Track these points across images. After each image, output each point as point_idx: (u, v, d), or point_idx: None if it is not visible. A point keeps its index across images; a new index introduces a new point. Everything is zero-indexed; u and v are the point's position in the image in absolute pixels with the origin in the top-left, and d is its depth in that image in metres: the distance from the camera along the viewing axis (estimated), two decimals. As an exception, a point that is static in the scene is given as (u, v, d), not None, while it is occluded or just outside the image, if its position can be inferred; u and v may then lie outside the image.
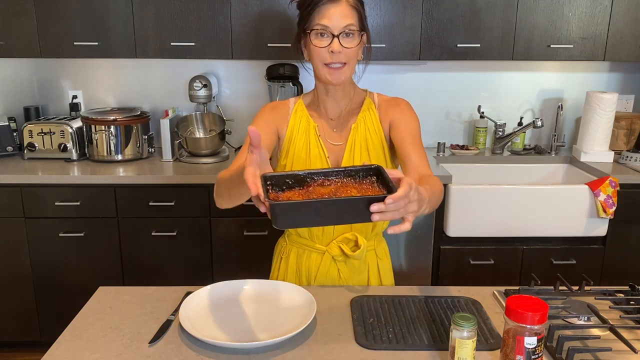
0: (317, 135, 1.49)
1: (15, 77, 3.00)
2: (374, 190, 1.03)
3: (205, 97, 2.80)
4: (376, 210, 0.94)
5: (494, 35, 2.67)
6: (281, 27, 2.62)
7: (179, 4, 2.59)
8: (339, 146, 1.50)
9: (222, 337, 1.18)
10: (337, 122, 1.51)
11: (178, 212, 2.56)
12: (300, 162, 1.48)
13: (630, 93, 3.10)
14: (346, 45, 1.37)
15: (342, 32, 1.36)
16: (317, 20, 1.37)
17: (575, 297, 1.39)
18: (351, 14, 1.37)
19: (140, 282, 2.60)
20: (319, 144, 1.48)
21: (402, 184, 0.97)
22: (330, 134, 1.51)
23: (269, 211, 0.97)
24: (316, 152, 1.48)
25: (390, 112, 1.49)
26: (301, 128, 1.50)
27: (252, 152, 1.02)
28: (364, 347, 1.18)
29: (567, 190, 2.51)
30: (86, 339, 1.20)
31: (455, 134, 3.13)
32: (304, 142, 1.49)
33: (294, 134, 1.49)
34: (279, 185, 1.04)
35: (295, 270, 1.56)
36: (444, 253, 2.60)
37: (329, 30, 1.36)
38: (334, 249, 1.51)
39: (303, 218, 0.98)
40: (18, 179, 2.50)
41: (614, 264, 2.63)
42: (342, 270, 1.53)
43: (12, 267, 2.60)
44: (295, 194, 1.03)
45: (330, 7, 1.36)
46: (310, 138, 1.49)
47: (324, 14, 1.36)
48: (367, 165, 1.07)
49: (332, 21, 1.35)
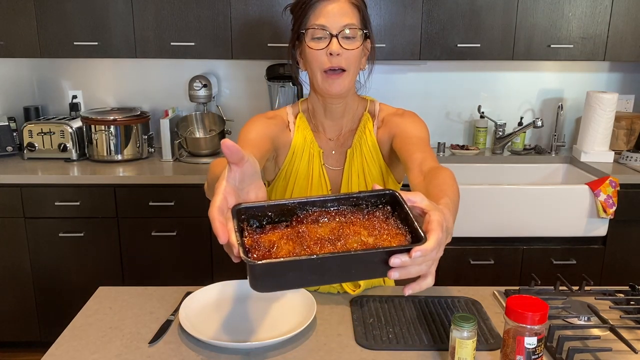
0: (321, 163, 1.34)
1: (15, 77, 3.00)
2: (390, 230, 0.76)
3: (205, 97, 2.80)
4: (398, 265, 0.71)
5: (494, 35, 2.67)
6: (281, 27, 2.62)
7: (179, 4, 2.59)
8: (336, 171, 1.38)
9: (222, 337, 1.18)
10: (336, 144, 1.36)
11: (178, 212, 2.56)
12: (301, 191, 1.35)
13: (630, 93, 3.10)
14: (346, 46, 1.22)
15: (342, 31, 1.21)
16: (313, 20, 1.22)
17: (576, 297, 1.38)
18: (351, 11, 1.22)
19: (140, 282, 2.59)
20: (322, 173, 1.35)
21: (432, 226, 0.74)
22: (328, 157, 1.37)
23: (247, 270, 0.72)
24: (318, 182, 1.34)
25: (394, 125, 1.33)
26: (305, 151, 1.35)
27: (230, 171, 0.77)
28: (364, 347, 1.17)
29: (567, 190, 2.50)
30: (86, 339, 1.20)
31: (455, 134, 3.13)
32: (306, 167, 1.35)
33: (296, 154, 1.35)
34: (257, 219, 0.79)
35: None
36: (444, 253, 2.60)
37: (326, 29, 1.21)
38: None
39: (294, 279, 0.73)
40: (18, 179, 2.50)
41: (614, 264, 2.63)
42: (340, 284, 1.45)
43: (12, 267, 2.60)
44: (281, 238, 0.76)
45: (328, 3, 1.20)
46: (314, 164, 1.35)
47: (320, 12, 1.21)
48: (379, 190, 0.80)
49: (330, 19, 1.20)
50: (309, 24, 1.23)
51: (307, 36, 1.25)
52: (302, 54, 1.30)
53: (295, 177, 1.36)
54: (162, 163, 2.74)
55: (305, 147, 1.36)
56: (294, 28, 1.30)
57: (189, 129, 2.87)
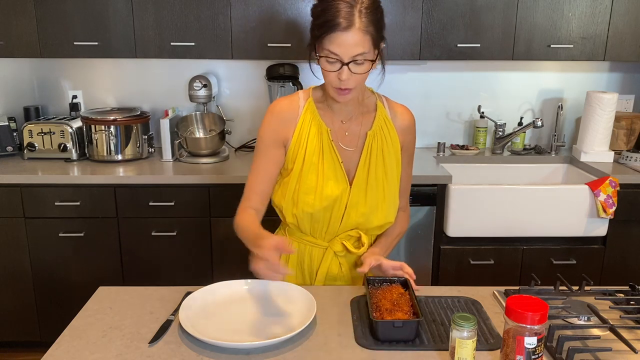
0: (330, 140, 1.45)
1: (15, 77, 3.00)
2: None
3: (205, 97, 2.80)
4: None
5: (494, 35, 2.67)
6: (281, 27, 2.62)
7: (179, 4, 2.59)
8: (351, 152, 1.48)
9: (222, 337, 1.18)
10: (349, 125, 1.48)
11: (178, 212, 2.56)
12: (312, 167, 1.45)
13: (630, 93, 3.10)
14: (355, 71, 1.33)
15: (352, 60, 1.31)
16: (327, 45, 1.31)
17: (575, 297, 1.39)
18: (362, 40, 1.30)
19: (140, 282, 2.59)
20: (332, 148, 1.45)
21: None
22: (342, 137, 1.48)
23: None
24: (329, 158, 1.45)
25: (407, 135, 1.54)
26: (312, 131, 1.45)
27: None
28: (364, 347, 1.18)
29: (567, 190, 2.51)
30: (86, 339, 1.20)
31: (455, 134, 3.13)
32: (316, 146, 1.45)
33: (303, 136, 1.45)
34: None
35: (297, 263, 1.56)
36: (444, 253, 2.60)
37: (338, 58, 1.31)
38: (336, 245, 1.51)
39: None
40: (18, 179, 2.50)
41: (614, 264, 2.63)
42: (343, 264, 1.54)
43: (12, 267, 2.60)
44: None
45: (341, 34, 1.29)
46: (323, 142, 1.45)
47: (334, 40, 1.29)
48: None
49: (342, 49, 1.29)
50: (324, 47, 1.32)
51: (321, 54, 1.34)
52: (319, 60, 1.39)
53: (304, 157, 1.44)
54: (162, 163, 2.74)
55: (313, 128, 1.45)
56: (312, 34, 1.38)
57: (189, 129, 2.87)
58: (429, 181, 2.54)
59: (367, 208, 1.47)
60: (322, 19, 1.30)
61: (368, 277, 1.40)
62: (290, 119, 1.46)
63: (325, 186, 1.43)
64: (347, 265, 1.55)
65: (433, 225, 2.58)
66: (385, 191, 1.49)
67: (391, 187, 1.50)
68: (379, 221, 1.50)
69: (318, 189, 1.43)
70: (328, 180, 1.44)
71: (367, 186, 1.47)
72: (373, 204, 1.47)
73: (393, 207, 1.52)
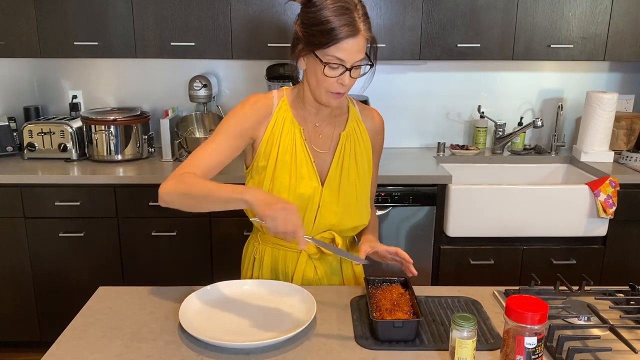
0: (302, 139, 1.45)
1: (15, 77, 3.00)
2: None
3: (205, 97, 2.80)
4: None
5: (494, 35, 2.67)
6: (281, 27, 2.62)
7: (179, 4, 2.59)
8: (324, 153, 1.48)
9: (222, 337, 1.18)
10: (322, 128, 1.49)
11: (178, 212, 2.53)
12: (285, 166, 1.43)
13: (630, 93, 3.10)
14: (355, 76, 1.36)
15: (354, 66, 1.33)
16: (334, 51, 1.30)
17: (575, 297, 1.39)
18: (364, 47, 1.33)
19: (140, 282, 2.59)
20: (305, 147, 1.45)
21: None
22: (315, 139, 1.48)
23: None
24: (302, 157, 1.44)
25: (377, 136, 1.56)
26: (285, 129, 1.44)
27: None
28: (364, 347, 1.18)
29: (567, 190, 2.51)
30: (86, 339, 1.20)
31: (455, 134, 3.13)
32: (288, 144, 1.44)
33: (276, 134, 1.44)
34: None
35: (271, 269, 1.53)
36: (444, 253, 2.60)
37: (343, 64, 1.32)
38: (310, 248, 1.49)
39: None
40: (18, 179, 2.50)
41: (614, 264, 2.63)
42: (318, 267, 1.52)
43: (12, 267, 2.60)
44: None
45: (349, 40, 1.30)
46: (296, 141, 1.44)
47: (341, 47, 1.30)
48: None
49: (348, 55, 1.31)
50: (329, 54, 1.31)
51: (325, 61, 1.32)
52: (309, 65, 1.38)
53: (276, 156, 1.44)
54: (162, 163, 2.74)
55: (286, 126, 1.45)
56: (307, 39, 1.34)
57: (189, 129, 2.87)
58: (429, 181, 2.54)
59: (340, 207, 1.46)
60: (327, 26, 1.29)
61: (368, 277, 1.40)
62: (265, 115, 1.45)
63: (298, 185, 1.42)
64: (323, 268, 1.53)
65: (433, 225, 2.58)
66: (357, 192, 1.49)
67: (363, 188, 1.50)
68: (353, 222, 1.49)
69: (291, 188, 1.42)
70: (301, 179, 1.43)
71: (339, 186, 1.46)
72: (346, 204, 1.47)
73: (365, 209, 1.52)
